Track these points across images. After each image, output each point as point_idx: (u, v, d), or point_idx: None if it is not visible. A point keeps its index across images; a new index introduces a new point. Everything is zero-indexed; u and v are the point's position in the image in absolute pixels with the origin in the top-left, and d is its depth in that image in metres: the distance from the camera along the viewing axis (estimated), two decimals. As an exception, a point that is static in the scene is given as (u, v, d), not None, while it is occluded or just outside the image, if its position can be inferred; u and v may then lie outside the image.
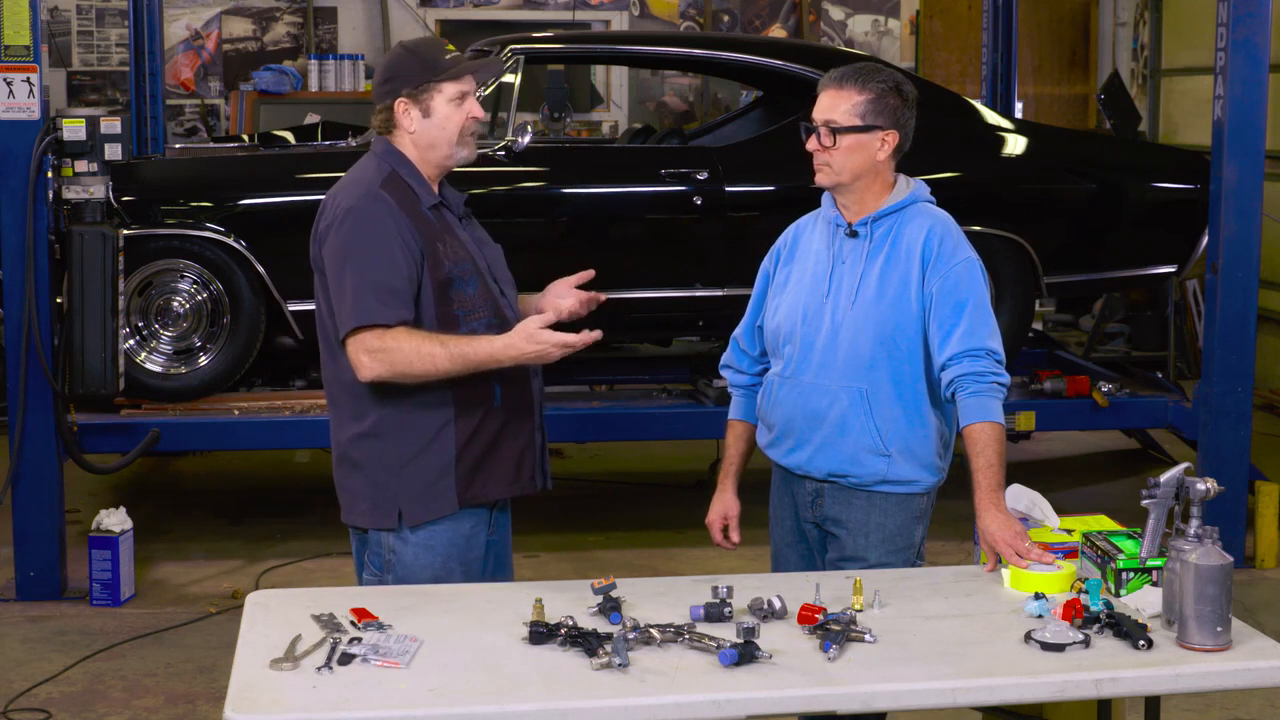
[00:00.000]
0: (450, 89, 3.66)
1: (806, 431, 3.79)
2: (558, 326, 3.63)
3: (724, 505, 4.03)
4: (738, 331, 4.05)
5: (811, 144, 3.76)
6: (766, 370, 3.96)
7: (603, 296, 3.88)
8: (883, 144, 3.76)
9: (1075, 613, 3.22)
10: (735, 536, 4.02)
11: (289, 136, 8.00)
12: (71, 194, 6.12)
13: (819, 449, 3.79)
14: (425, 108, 3.66)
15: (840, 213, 3.83)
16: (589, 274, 3.88)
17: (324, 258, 3.63)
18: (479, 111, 3.72)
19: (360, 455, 3.67)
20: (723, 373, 4.12)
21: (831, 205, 3.86)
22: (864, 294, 3.75)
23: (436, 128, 3.66)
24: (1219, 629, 3.12)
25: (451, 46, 3.76)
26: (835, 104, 3.75)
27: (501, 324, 3.68)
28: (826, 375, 3.76)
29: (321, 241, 3.64)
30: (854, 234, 3.79)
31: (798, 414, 3.80)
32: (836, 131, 3.72)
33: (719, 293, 6.71)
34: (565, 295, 3.85)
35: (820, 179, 3.79)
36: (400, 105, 3.66)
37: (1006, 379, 3.78)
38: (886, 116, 3.74)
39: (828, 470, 3.79)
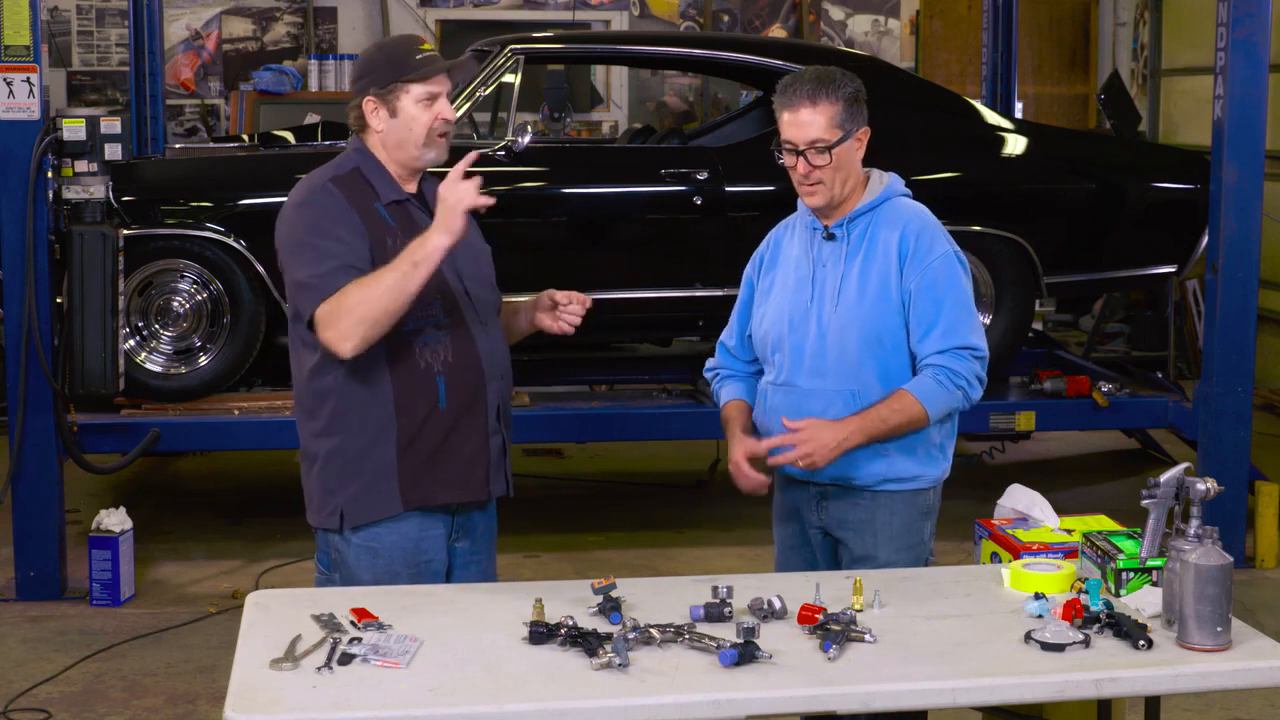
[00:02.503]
0: (418, 90, 3.63)
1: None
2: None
3: (745, 446, 3.80)
4: (725, 339, 4.01)
5: (802, 167, 3.70)
6: (759, 369, 3.94)
7: (588, 300, 3.83)
8: (859, 144, 3.75)
9: (1075, 613, 3.21)
10: (764, 478, 3.81)
11: (289, 136, 8.00)
12: (71, 194, 6.12)
13: None
14: (392, 108, 3.64)
15: (816, 216, 3.81)
16: (585, 300, 3.84)
17: (280, 256, 3.65)
18: (449, 113, 3.67)
19: (312, 452, 3.68)
20: (708, 375, 4.05)
21: (807, 210, 3.83)
22: (846, 295, 3.73)
23: (403, 128, 3.64)
24: (1219, 629, 3.12)
25: (427, 45, 3.71)
26: (817, 120, 3.68)
27: (454, 323, 3.63)
28: (819, 379, 3.74)
29: (279, 241, 3.66)
30: (831, 236, 3.78)
31: (795, 422, 3.77)
32: (830, 149, 3.68)
33: (719, 293, 6.70)
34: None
35: (813, 201, 3.74)
36: (368, 104, 3.65)
37: (977, 388, 3.71)
38: (858, 116, 3.73)
39: (830, 475, 3.76)
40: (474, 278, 3.73)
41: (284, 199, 6.89)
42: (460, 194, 3.47)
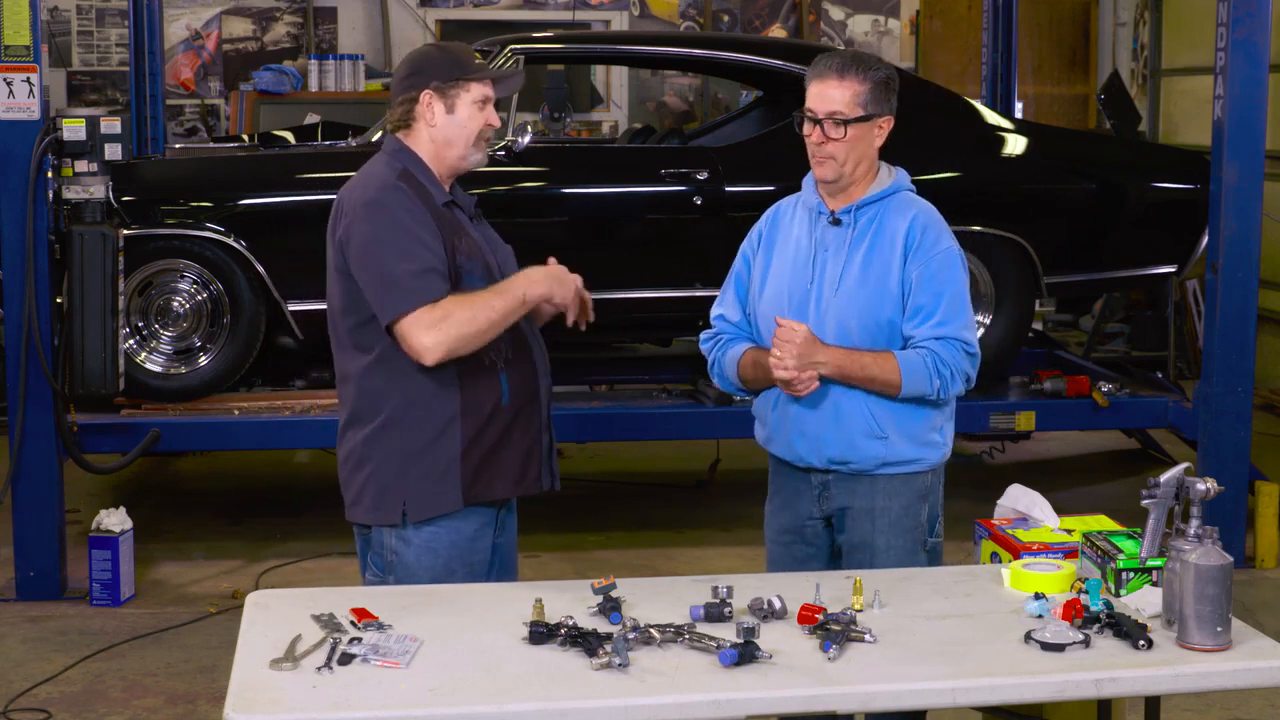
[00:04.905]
0: (477, 90, 3.69)
1: (803, 420, 3.80)
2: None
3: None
4: (723, 311, 3.98)
5: (816, 136, 3.75)
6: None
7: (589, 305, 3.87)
8: (879, 131, 3.79)
9: (1075, 613, 3.22)
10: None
11: (289, 136, 8.00)
12: (71, 194, 6.12)
13: (817, 436, 3.79)
14: (450, 104, 3.68)
15: (823, 200, 3.83)
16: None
17: (349, 256, 3.61)
18: (496, 120, 3.75)
19: (366, 451, 3.68)
20: (706, 345, 4.01)
21: (814, 191, 3.85)
22: (847, 281, 3.75)
23: (457, 126, 3.68)
24: (1219, 629, 3.12)
25: (479, 55, 3.79)
26: (839, 95, 3.74)
27: None
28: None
29: (345, 242, 3.62)
30: (837, 222, 3.80)
31: (793, 403, 3.80)
32: (846, 123, 3.73)
33: (719, 293, 6.69)
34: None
35: (822, 172, 3.78)
36: (425, 97, 3.68)
37: (958, 383, 3.73)
38: (884, 104, 3.78)
39: (829, 457, 3.79)
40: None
41: (284, 199, 6.94)
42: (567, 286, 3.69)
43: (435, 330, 3.52)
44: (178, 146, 9.25)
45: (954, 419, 3.91)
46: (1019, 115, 9.61)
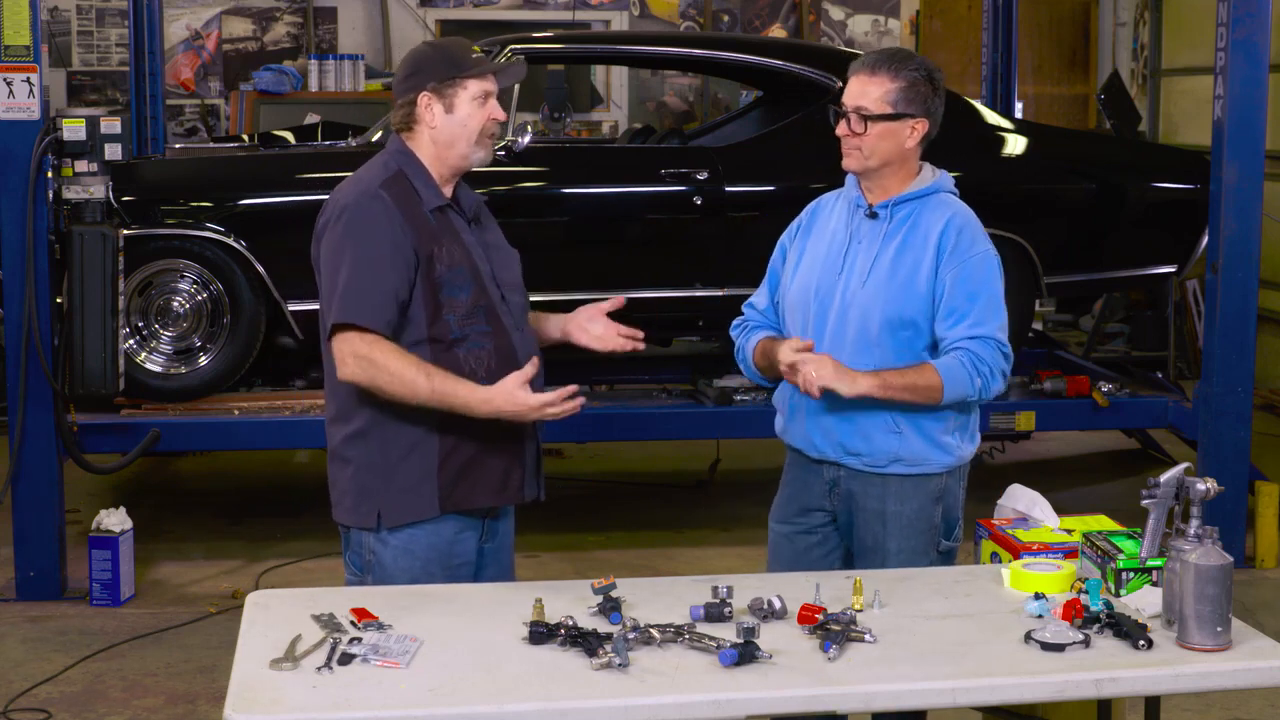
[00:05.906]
0: (475, 86, 3.66)
1: (819, 408, 3.79)
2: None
3: (790, 343, 3.77)
4: (755, 300, 4.00)
5: (842, 129, 3.79)
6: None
7: (640, 335, 3.79)
8: (912, 132, 3.79)
9: (1075, 613, 3.21)
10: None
11: (289, 136, 8.00)
12: (71, 194, 6.12)
13: (832, 425, 3.79)
14: (449, 104, 3.65)
15: (863, 194, 3.85)
16: (619, 301, 3.84)
17: (319, 254, 3.64)
18: (500, 113, 3.71)
19: (348, 453, 3.67)
20: (735, 332, 4.02)
21: (855, 186, 3.87)
22: (876, 274, 3.76)
23: (458, 125, 3.65)
24: (1219, 629, 3.12)
25: (477, 48, 3.76)
26: (867, 90, 3.77)
27: (496, 331, 3.65)
28: (837, 352, 3.74)
29: (318, 238, 3.65)
30: (874, 215, 3.81)
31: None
32: (868, 119, 3.74)
33: (719, 293, 6.71)
34: (595, 320, 3.82)
35: (849, 163, 3.81)
36: (424, 99, 3.65)
37: (999, 381, 3.76)
38: (917, 105, 3.78)
39: (842, 443, 3.78)
40: (508, 283, 3.75)
41: (284, 199, 6.94)
42: (519, 406, 3.53)
43: (358, 361, 3.51)
44: (178, 146, 9.25)
45: (974, 424, 3.89)
46: (1019, 115, 9.61)
